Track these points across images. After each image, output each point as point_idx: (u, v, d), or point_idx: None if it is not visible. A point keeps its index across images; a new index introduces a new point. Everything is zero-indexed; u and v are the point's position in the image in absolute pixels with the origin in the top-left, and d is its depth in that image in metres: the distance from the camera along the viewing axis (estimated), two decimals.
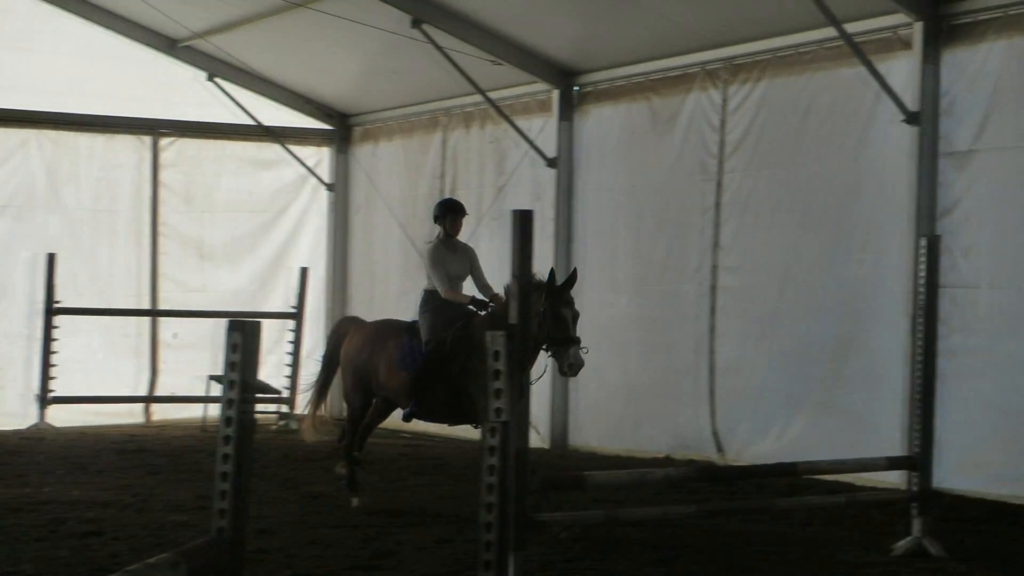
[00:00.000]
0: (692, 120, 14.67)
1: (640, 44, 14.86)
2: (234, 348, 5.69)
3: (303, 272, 18.70)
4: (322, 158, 20.07)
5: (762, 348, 13.91)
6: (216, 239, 19.50)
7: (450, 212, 11.41)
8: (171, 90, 18.68)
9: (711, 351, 14.38)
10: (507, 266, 7.45)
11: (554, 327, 10.10)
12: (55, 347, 17.59)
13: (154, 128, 19.02)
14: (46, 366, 17.55)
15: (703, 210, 14.50)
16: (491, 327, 7.91)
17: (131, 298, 18.90)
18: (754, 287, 14.02)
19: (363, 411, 11.65)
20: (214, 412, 5.97)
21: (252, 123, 18.96)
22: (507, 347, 6.87)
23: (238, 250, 19.56)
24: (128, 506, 11.09)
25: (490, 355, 6.86)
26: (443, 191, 17.59)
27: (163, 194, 19.15)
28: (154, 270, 19.09)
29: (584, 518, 9.54)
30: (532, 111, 16.57)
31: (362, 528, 10.22)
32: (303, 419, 12.64)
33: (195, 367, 16.93)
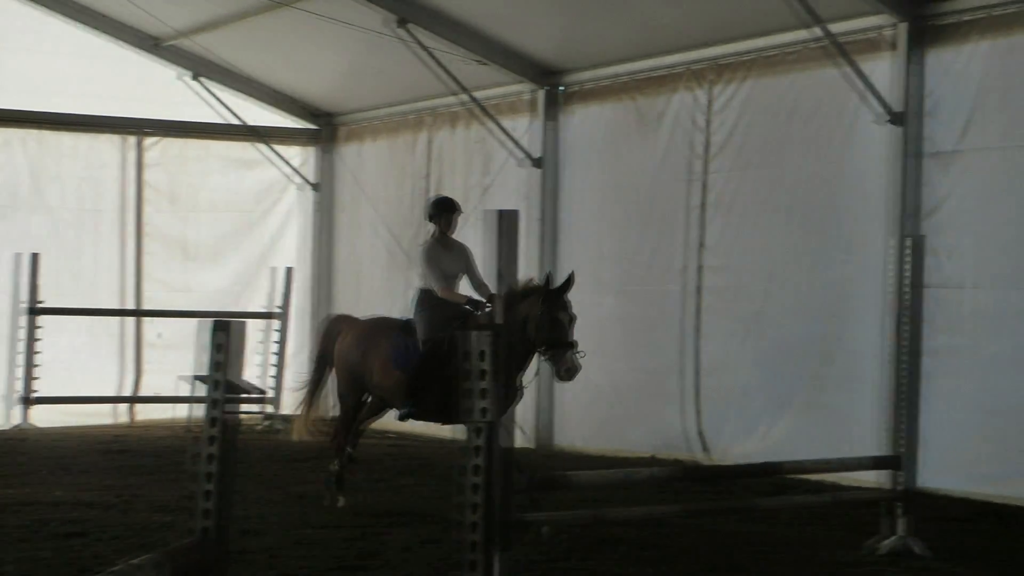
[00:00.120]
0: (677, 120, 14.67)
1: (625, 44, 14.86)
2: (219, 348, 5.69)
3: (288, 272, 18.67)
4: (307, 158, 20.02)
5: (747, 348, 13.93)
6: (201, 239, 19.46)
7: (444, 210, 11.31)
8: (155, 90, 18.62)
9: (696, 351, 14.39)
10: (485, 267, 7.43)
11: (550, 331, 10.00)
12: (38, 347, 17.54)
13: (139, 127, 18.98)
14: (29, 366, 17.51)
15: (688, 210, 14.51)
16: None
17: (115, 298, 18.84)
18: (739, 287, 14.04)
19: (356, 410, 11.58)
20: (197, 412, 5.93)
21: (237, 123, 18.92)
22: (493, 347, 6.87)
23: (223, 250, 19.51)
24: (112, 506, 11.06)
25: (475, 355, 6.85)
26: (428, 191, 17.56)
27: (147, 194, 19.11)
28: (138, 270, 19.04)
29: (569, 518, 9.54)
30: (517, 111, 16.56)
31: (347, 528, 10.20)
32: (295, 418, 12.56)
33: (180, 367, 16.86)
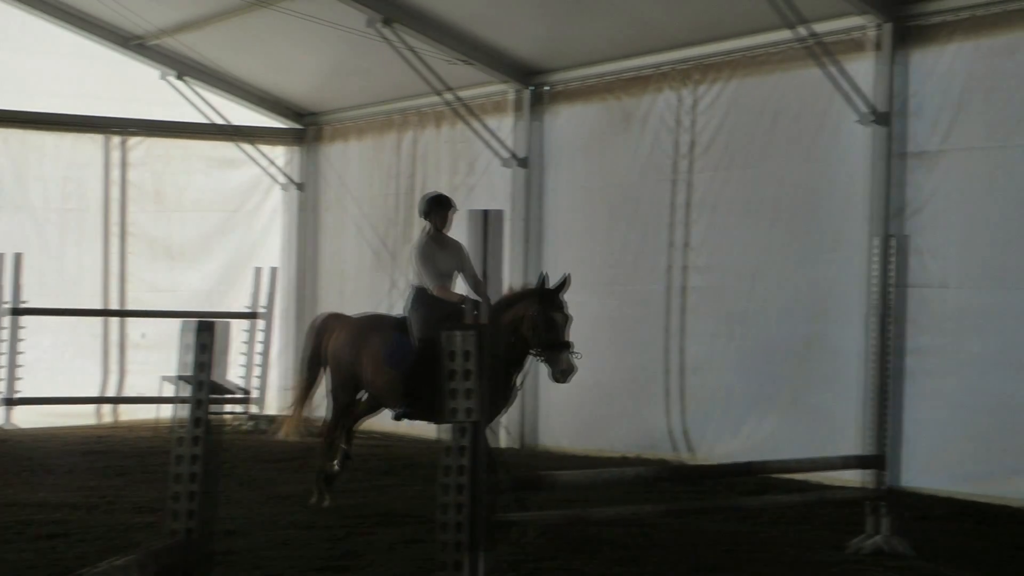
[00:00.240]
0: (662, 120, 14.67)
1: (609, 44, 14.88)
2: (203, 348, 5.68)
3: (273, 272, 18.65)
4: (291, 158, 20.00)
5: (731, 348, 13.95)
6: (185, 239, 19.42)
7: (438, 207, 11.15)
8: (138, 90, 18.59)
9: (681, 351, 14.40)
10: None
11: (546, 331, 9.98)
12: (21, 348, 17.49)
13: (123, 127, 18.93)
14: (12, 367, 17.46)
15: (673, 210, 14.52)
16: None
17: (99, 298, 18.80)
18: (722, 287, 14.06)
19: (349, 409, 11.51)
20: (179, 413, 5.91)
21: (221, 122, 18.89)
22: (478, 346, 6.86)
23: (207, 250, 19.48)
24: (94, 507, 11.02)
25: (460, 355, 6.84)
26: (413, 191, 17.55)
27: (132, 193, 19.07)
28: (122, 270, 19.00)
29: (553, 517, 9.53)
30: (502, 111, 16.55)
31: (331, 528, 10.19)
32: (285, 418, 12.48)
33: (164, 368, 16.80)
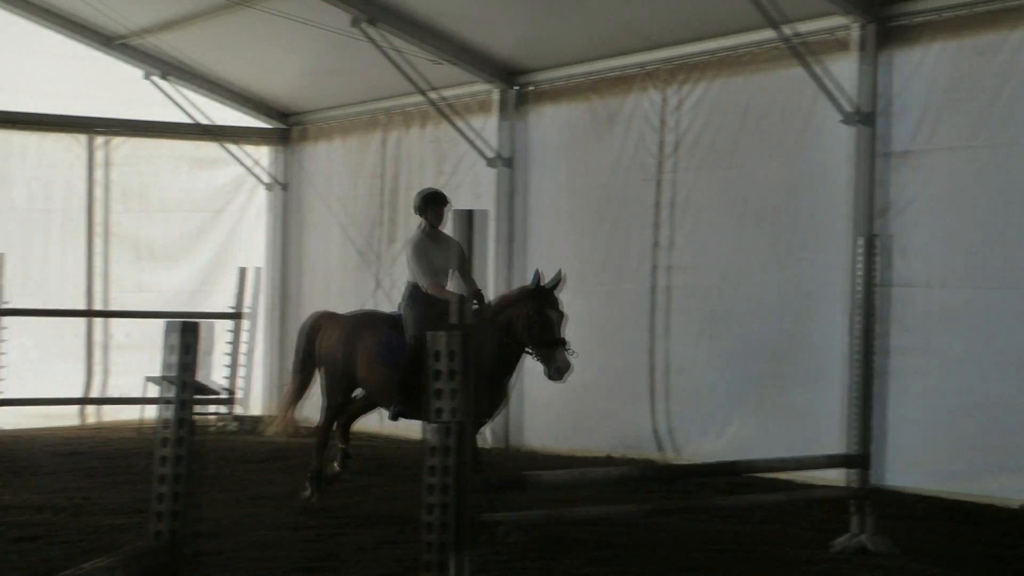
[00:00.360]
0: (645, 119, 14.70)
1: (592, 43, 14.90)
2: (186, 349, 5.69)
3: (257, 272, 18.62)
4: (275, 157, 19.97)
5: (708, 347, 13.97)
6: (168, 239, 19.38)
7: (432, 203, 11.04)
8: (119, 89, 18.52)
9: (665, 350, 14.42)
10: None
11: (540, 329, 9.98)
12: (3, 348, 17.42)
13: (105, 127, 18.89)
14: None
15: (649, 209, 14.55)
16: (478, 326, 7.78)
17: (81, 299, 18.74)
18: (700, 286, 14.08)
19: (343, 407, 11.46)
20: (163, 414, 5.91)
21: (204, 122, 18.85)
22: (463, 347, 6.86)
23: (191, 250, 19.44)
24: (78, 509, 10.96)
25: (444, 355, 6.83)
26: (397, 190, 17.58)
27: (114, 193, 19.02)
28: (105, 270, 18.96)
29: (531, 517, 9.53)
30: (486, 110, 16.55)
31: (304, 530, 10.14)
32: (273, 416, 12.38)
33: (147, 368, 16.79)
